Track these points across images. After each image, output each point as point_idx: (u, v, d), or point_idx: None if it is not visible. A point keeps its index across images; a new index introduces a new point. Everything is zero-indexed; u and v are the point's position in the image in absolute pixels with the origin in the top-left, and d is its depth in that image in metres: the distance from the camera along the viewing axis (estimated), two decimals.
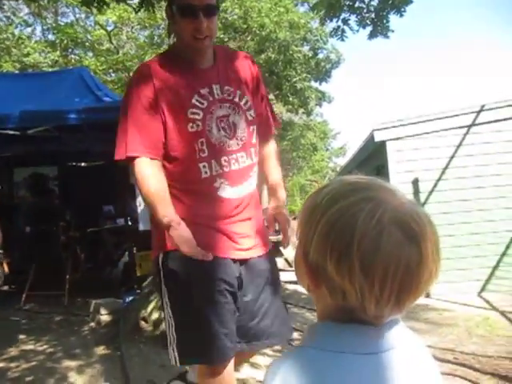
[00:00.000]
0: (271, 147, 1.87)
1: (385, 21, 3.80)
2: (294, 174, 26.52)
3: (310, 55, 11.36)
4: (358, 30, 4.08)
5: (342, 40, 4.12)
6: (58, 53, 12.98)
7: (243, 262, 1.63)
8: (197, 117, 1.61)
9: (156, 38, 13.99)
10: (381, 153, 5.85)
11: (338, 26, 4.02)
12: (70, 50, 13.97)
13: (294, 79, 11.35)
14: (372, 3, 3.81)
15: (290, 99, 12.38)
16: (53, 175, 7.20)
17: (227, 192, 1.63)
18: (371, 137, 5.81)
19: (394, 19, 3.80)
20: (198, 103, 1.62)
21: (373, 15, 3.82)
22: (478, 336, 3.78)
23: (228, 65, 1.74)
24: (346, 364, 0.63)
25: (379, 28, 3.86)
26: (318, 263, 0.64)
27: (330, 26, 4.75)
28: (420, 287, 0.61)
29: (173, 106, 1.60)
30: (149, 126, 1.58)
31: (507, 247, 5.38)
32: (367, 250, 0.59)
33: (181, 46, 1.69)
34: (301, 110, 14.46)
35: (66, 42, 12.66)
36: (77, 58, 13.76)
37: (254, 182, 1.73)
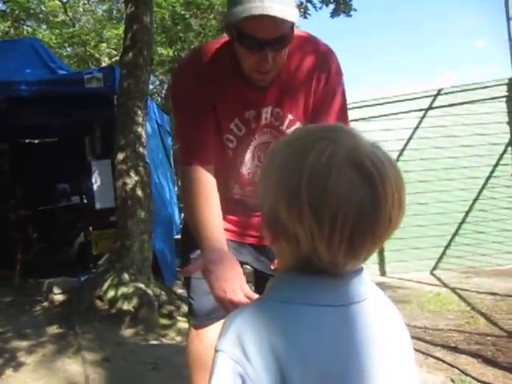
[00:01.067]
0: None
1: None
2: None
3: None
4: (320, 8, 4.05)
5: (305, 17, 4.09)
6: (9, 23, 12.26)
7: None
8: (230, 145, 1.43)
9: (115, 12, 13.45)
10: None
11: (301, 3, 3.99)
12: (22, 22, 13.22)
13: None
14: None
15: None
16: (3, 151, 6.89)
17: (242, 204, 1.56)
18: None
19: None
20: (235, 129, 1.40)
21: None
22: (430, 311, 3.92)
23: (289, 78, 1.36)
24: (304, 316, 0.61)
25: (342, 6, 3.85)
26: (272, 212, 0.61)
27: None
28: (377, 234, 0.58)
29: (216, 122, 1.40)
30: (206, 129, 1.37)
31: (458, 227, 5.60)
32: (316, 189, 0.56)
33: (241, 65, 1.32)
34: None
35: (17, 12, 11.96)
36: (30, 29, 13.05)
37: None
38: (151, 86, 12.76)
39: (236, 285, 1.06)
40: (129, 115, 3.92)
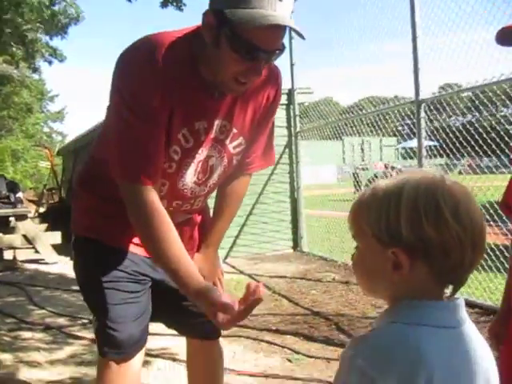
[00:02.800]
0: (244, 186, 1.51)
1: None
2: (2, 137, 22.81)
3: (47, 3, 9.85)
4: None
5: (129, 1, 3.81)
6: None
7: None
8: (174, 156, 1.26)
9: None
10: None
11: None
12: None
13: (24, 27, 9.74)
14: None
15: (14, 49, 10.60)
16: None
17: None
18: None
19: None
20: (183, 140, 1.25)
21: None
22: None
23: (243, 95, 1.28)
24: (431, 336, 0.70)
25: None
26: (414, 235, 0.71)
27: None
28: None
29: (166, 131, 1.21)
30: (158, 143, 1.19)
31: (246, 218, 6.22)
32: (451, 204, 0.71)
33: (208, 68, 1.18)
34: (22, 64, 12.58)
35: None
36: None
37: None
38: None
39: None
40: None
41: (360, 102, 6.95)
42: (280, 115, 6.43)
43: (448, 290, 0.77)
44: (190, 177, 1.33)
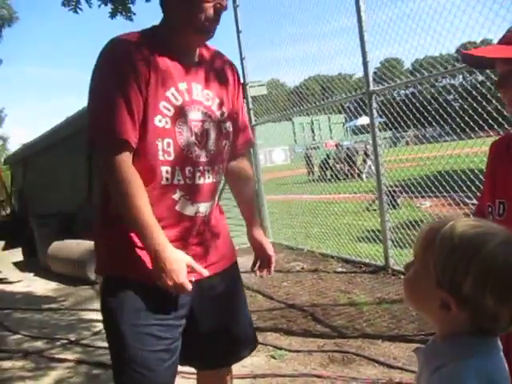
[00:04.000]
0: (247, 164, 1.76)
1: (128, 1, 3.65)
2: None
3: None
4: (99, 6, 3.73)
5: (76, 12, 3.70)
6: None
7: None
8: (167, 112, 1.39)
9: None
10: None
11: None
12: None
13: None
14: None
15: None
16: None
17: (187, 208, 1.43)
18: None
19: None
20: (172, 98, 1.40)
21: None
22: None
23: (212, 68, 1.54)
24: (494, 365, 0.82)
25: (120, 8, 3.67)
26: (474, 295, 0.77)
27: None
28: None
29: (148, 93, 1.36)
30: (136, 109, 1.34)
31: None
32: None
33: (177, 26, 1.43)
34: None
35: None
36: None
37: (215, 201, 1.58)
38: None
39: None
40: None
41: (306, 82, 7.08)
42: None
43: None
44: (188, 135, 1.44)
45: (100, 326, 3.50)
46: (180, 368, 1.55)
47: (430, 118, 4.70)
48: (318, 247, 5.72)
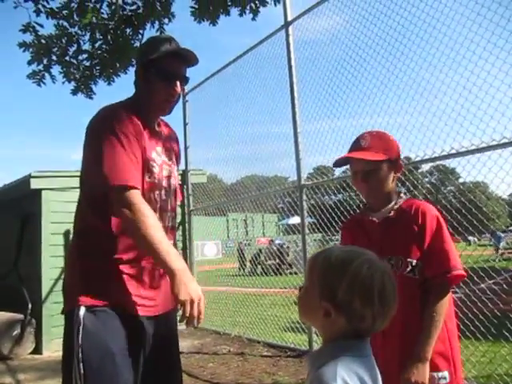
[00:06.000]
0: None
1: (91, 82, 3.98)
2: None
3: None
4: (64, 82, 4.03)
5: (39, 85, 3.96)
6: None
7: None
8: (154, 170, 1.68)
9: None
10: (33, 200, 5.66)
11: (40, 70, 3.86)
12: None
13: None
14: (84, 63, 3.92)
15: None
16: None
17: None
18: (26, 182, 5.54)
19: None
20: (155, 157, 1.70)
21: (78, 75, 3.92)
22: None
23: (166, 133, 1.86)
24: (363, 363, 1.04)
25: (82, 87, 3.99)
26: (346, 301, 1.02)
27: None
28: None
29: (142, 151, 1.63)
30: (137, 161, 1.58)
31: None
32: (380, 290, 1.02)
33: (145, 103, 1.71)
34: None
35: None
36: None
37: None
38: None
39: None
40: None
41: (243, 180, 7.52)
42: None
43: None
44: (165, 189, 1.73)
45: None
46: None
47: None
48: (244, 333, 5.77)
